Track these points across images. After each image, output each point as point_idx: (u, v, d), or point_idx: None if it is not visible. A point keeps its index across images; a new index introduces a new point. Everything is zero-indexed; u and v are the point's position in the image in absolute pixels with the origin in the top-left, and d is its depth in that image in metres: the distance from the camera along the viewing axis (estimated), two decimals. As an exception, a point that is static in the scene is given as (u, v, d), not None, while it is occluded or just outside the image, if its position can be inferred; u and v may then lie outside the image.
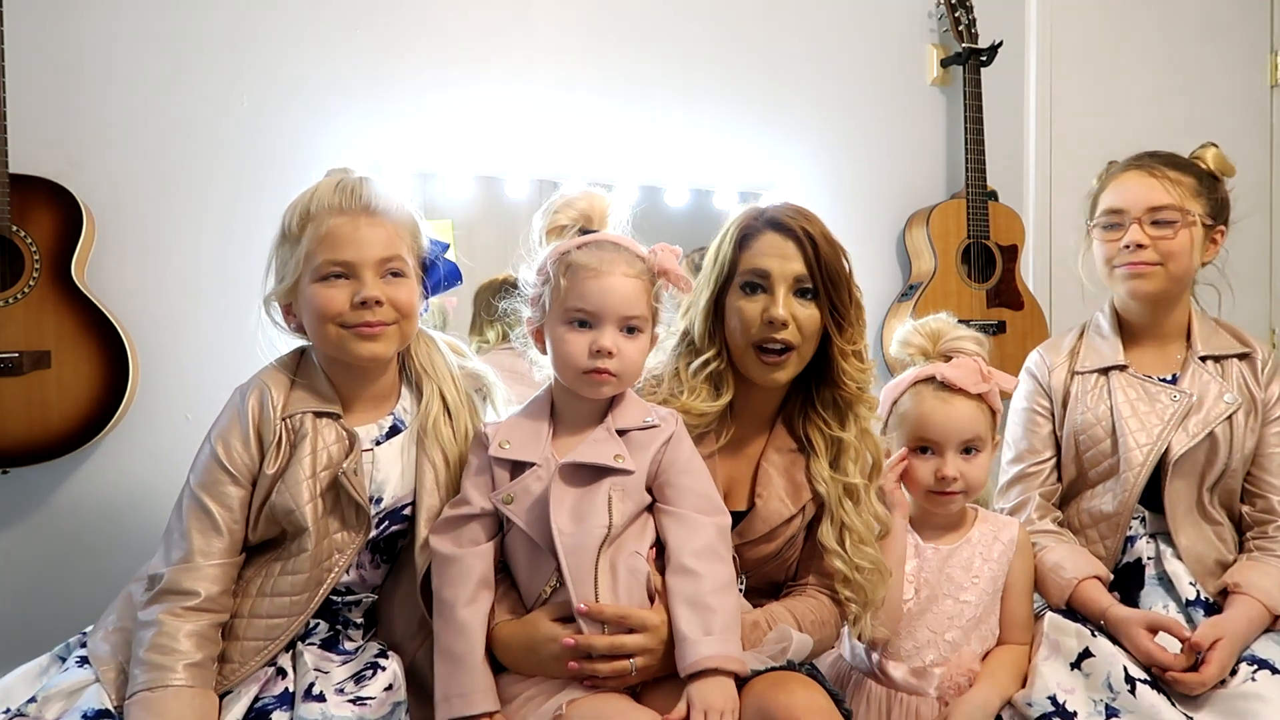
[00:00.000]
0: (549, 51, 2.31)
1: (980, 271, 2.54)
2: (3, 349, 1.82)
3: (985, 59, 2.56)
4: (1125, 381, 1.65)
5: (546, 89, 2.31)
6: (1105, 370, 1.67)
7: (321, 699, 1.22)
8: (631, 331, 1.26)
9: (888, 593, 1.39)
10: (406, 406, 1.38)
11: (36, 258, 1.85)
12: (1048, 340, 1.82)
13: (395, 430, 1.36)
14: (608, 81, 2.36)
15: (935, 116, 2.69)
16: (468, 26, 2.24)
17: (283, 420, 1.29)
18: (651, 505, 1.26)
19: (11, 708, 1.22)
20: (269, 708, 1.23)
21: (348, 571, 1.32)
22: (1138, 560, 1.61)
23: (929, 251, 2.52)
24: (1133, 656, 1.43)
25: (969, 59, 2.55)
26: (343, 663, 1.31)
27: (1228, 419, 1.59)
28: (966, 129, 2.53)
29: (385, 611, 1.39)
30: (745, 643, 1.22)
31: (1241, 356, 1.66)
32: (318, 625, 1.34)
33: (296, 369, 1.35)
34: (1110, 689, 1.39)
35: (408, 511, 1.34)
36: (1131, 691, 1.37)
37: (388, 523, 1.34)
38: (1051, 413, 1.71)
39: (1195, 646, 1.40)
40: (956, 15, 2.57)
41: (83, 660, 1.28)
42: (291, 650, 1.30)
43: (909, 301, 2.51)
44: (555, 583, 1.22)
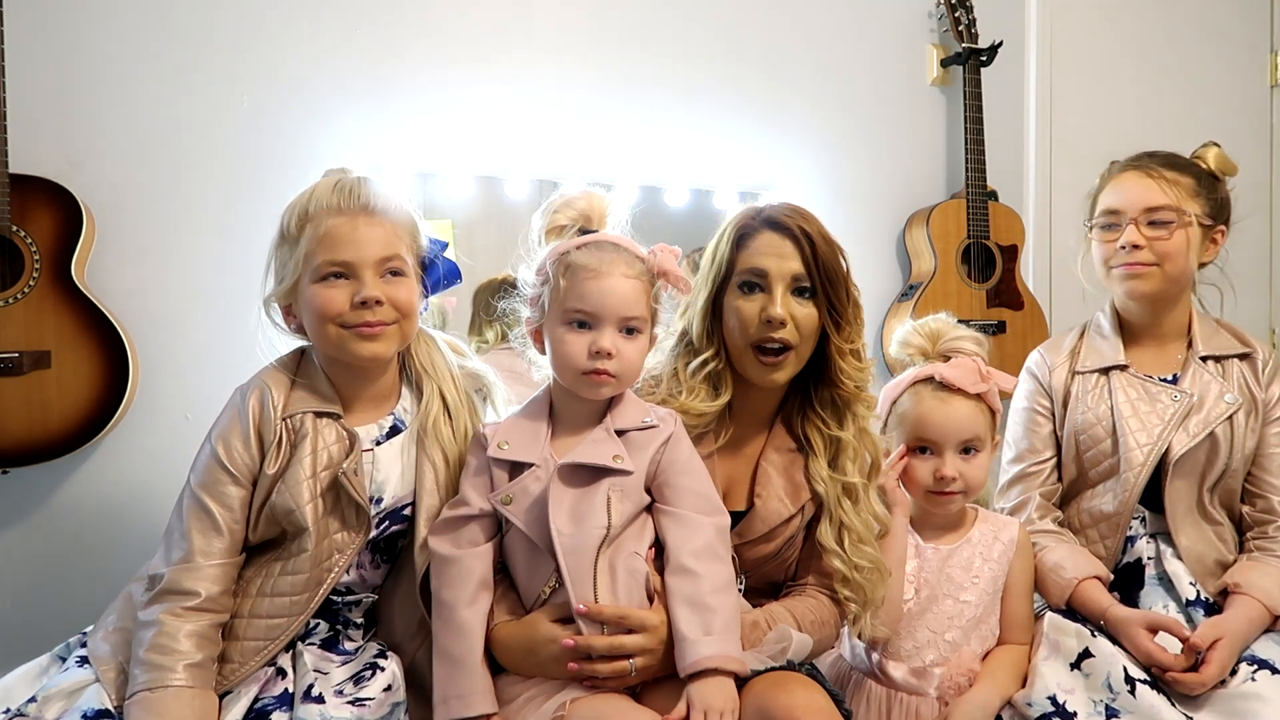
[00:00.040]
0: (549, 51, 2.31)
1: (980, 271, 2.54)
2: (3, 349, 1.82)
3: (985, 59, 2.56)
4: (1126, 381, 1.65)
5: (546, 89, 2.31)
6: (1106, 370, 1.67)
7: (320, 700, 1.22)
8: (631, 332, 1.26)
9: (888, 592, 1.39)
10: (407, 406, 1.38)
11: (36, 258, 1.85)
12: (1048, 340, 1.82)
13: (395, 430, 1.36)
14: (608, 81, 2.36)
15: (935, 116, 2.69)
16: (468, 26, 2.24)
17: (283, 420, 1.29)
18: (650, 505, 1.26)
19: (11, 708, 1.22)
20: (269, 708, 1.23)
21: (348, 572, 1.32)
22: (1138, 560, 1.61)
23: (929, 251, 2.52)
24: (1133, 657, 1.43)
25: (969, 59, 2.54)
26: (342, 663, 1.31)
27: (1228, 419, 1.59)
28: (966, 129, 2.53)
29: (385, 612, 1.39)
30: (745, 643, 1.22)
31: (1242, 356, 1.66)
32: (318, 625, 1.34)
33: (297, 369, 1.35)
34: (1110, 689, 1.39)
35: (408, 511, 1.34)
36: (1131, 692, 1.37)
37: (388, 523, 1.34)
38: (1052, 412, 1.70)
39: (1195, 647, 1.40)
40: (956, 15, 2.56)
41: (83, 660, 1.28)
42: (291, 650, 1.30)
43: (909, 301, 2.51)
44: (554, 583, 1.22)
